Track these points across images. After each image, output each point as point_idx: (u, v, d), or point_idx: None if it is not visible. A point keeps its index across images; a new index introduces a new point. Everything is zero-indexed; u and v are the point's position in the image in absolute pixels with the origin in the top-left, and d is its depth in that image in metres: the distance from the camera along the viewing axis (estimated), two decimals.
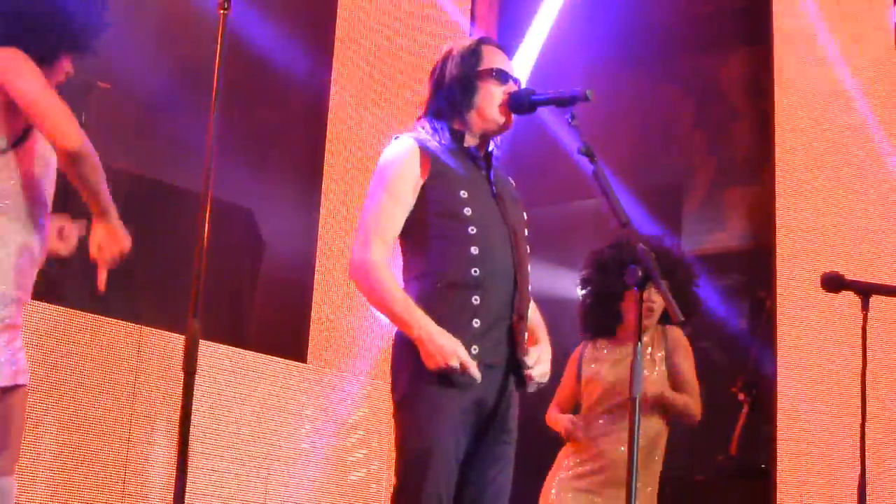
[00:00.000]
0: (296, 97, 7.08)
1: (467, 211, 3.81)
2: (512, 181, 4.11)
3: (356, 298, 7.06)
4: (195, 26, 6.15)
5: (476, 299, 3.76)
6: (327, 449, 6.85)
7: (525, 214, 4.03)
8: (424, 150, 3.87)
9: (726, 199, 8.66)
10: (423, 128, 3.99)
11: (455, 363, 3.64)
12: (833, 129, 6.80)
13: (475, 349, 3.74)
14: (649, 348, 5.50)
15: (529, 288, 3.94)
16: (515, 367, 3.86)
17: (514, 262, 3.86)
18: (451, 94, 3.97)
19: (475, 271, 3.77)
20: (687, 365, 5.48)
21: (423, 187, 3.83)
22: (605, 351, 5.54)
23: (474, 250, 3.79)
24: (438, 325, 3.71)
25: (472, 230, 3.80)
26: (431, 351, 3.66)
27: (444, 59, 4.03)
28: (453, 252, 3.79)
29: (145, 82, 6.23)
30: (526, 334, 3.92)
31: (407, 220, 3.84)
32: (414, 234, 3.83)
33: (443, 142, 3.92)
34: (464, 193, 3.83)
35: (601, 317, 5.57)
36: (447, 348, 3.66)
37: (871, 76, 6.77)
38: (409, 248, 3.88)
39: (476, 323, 3.76)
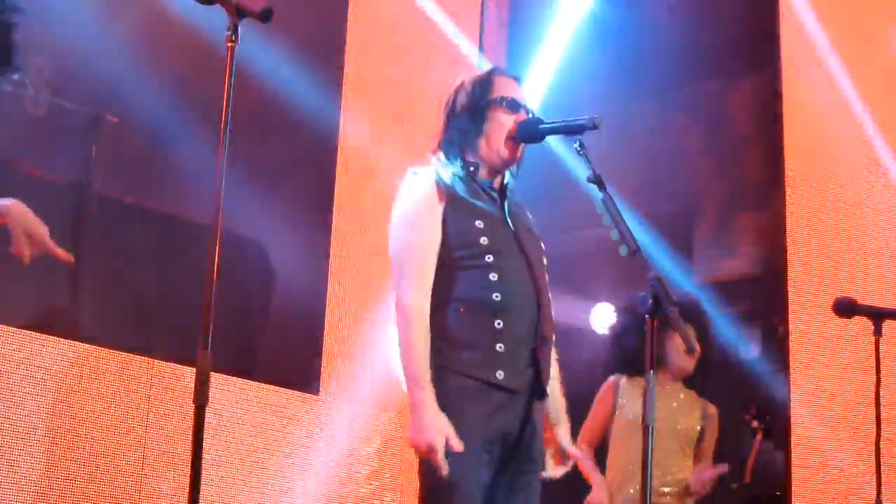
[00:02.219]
0: (305, 129, 7.08)
1: (484, 240, 3.82)
2: (530, 215, 4.12)
3: (368, 330, 7.05)
4: (205, 59, 6.16)
5: (499, 323, 3.77)
6: (339, 481, 6.83)
7: (543, 245, 4.04)
8: (440, 182, 3.88)
9: (737, 226, 8.66)
10: (438, 160, 3.99)
11: (439, 444, 3.61)
12: (843, 152, 6.79)
13: (500, 374, 3.75)
14: (685, 398, 5.62)
15: (552, 315, 3.94)
16: (540, 391, 3.85)
17: (535, 289, 3.86)
18: (462, 123, 3.98)
19: (496, 296, 3.78)
20: (712, 443, 5.80)
21: (442, 219, 3.84)
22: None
23: (493, 276, 3.80)
24: (463, 350, 3.74)
25: (490, 258, 3.81)
26: (421, 424, 3.64)
27: (456, 91, 4.05)
28: (473, 279, 3.80)
29: (155, 115, 6.25)
30: (552, 359, 3.92)
31: None
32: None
33: (456, 174, 3.93)
34: (479, 224, 3.85)
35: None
36: (435, 428, 3.63)
37: (879, 99, 6.77)
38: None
39: (500, 347, 3.77)
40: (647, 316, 3.53)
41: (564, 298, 8.51)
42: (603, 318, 8.77)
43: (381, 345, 6.96)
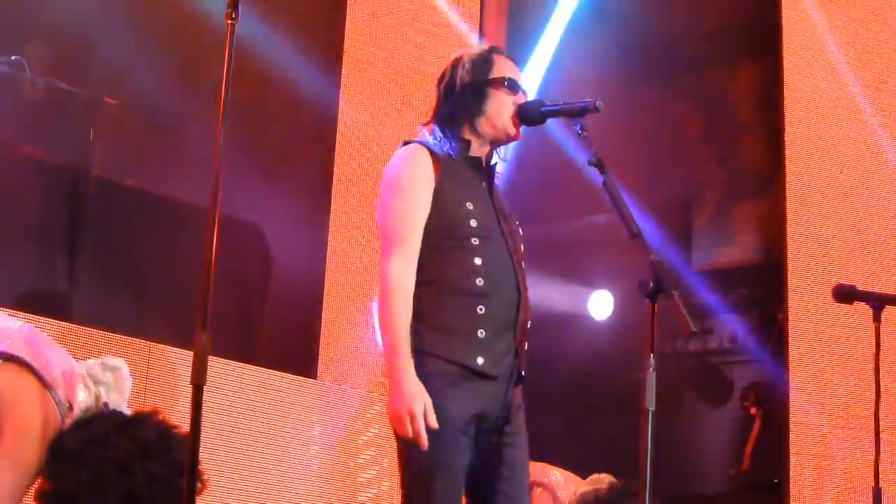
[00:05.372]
0: (304, 112, 7.07)
1: (473, 223, 3.80)
2: (504, 195, 4.10)
3: (367, 314, 7.05)
4: (203, 41, 6.15)
5: (481, 309, 3.76)
6: (337, 467, 6.83)
7: (521, 230, 4.03)
8: (434, 155, 3.86)
9: (736, 213, 8.65)
10: (431, 134, 3.97)
11: (418, 411, 3.60)
12: (843, 141, 6.78)
13: (480, 360, 3.74)
14: None
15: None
16: (519, 377, 3.85)
17: (516, 275, 3.86)
18: (463, 99, 3.95)
19: (479, 281, 3.77)
20: None
21: (433, 193, 3.83)
22: None
23: (477, 261, 3.78)
24: (444, 334, 3.72)
25: (476, 241, 3.80)
26: (399, 391, 3.62)
27: (454, 66, 4.01)
28: (457, 262, 3.78)
29: (153, 98, 6.24)
30: (526, 346, 3.92)
31: None
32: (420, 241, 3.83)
33: (449, 150, 3.90)
34: (469, 205, 3.83)
35: None
36: (414, 395, 3.62)
37: (880, 88, 6.76)
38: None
39: (481, 333, 3.75)
40: (647, 299, 3.52)
41: (562, 285, 8.53)
42: (601, 305, 8.77)
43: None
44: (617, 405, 7.37)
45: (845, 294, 5.19)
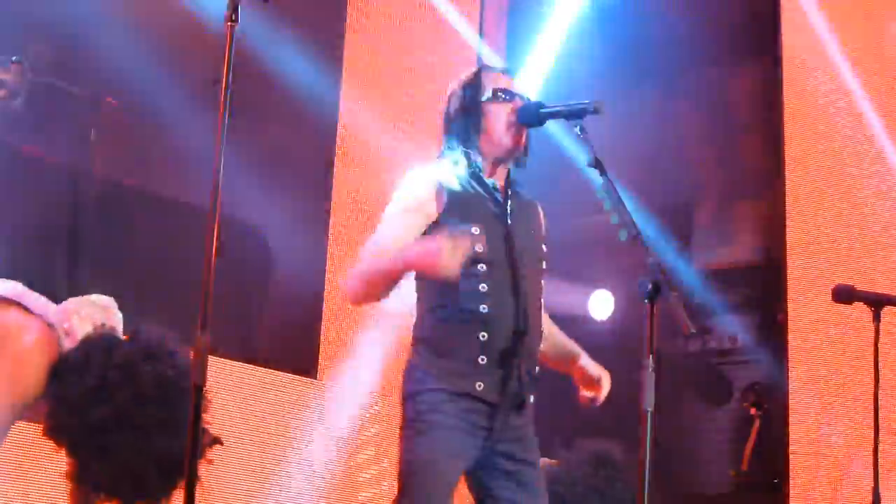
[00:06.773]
0: (304, 112, 7.07)
1: (478, 248, 3.81)
2: (539, 210, 4.12)
3: (366, 314, 7.05)
4: (204, 42, 6.15)
5: (483, 336, 3.79)
6: (337, 467, 6.83)
7: (545, 247, 4.03)
8: (441, 183, 3.88)
9: (736, 214, 8.65)
10: (444, 160, 3.99)
11: (447, 243, 3.57)
12: (843, 141, 6.79)
13: (480, 385, 3.79)
14: None
15: (541, 327, 3.95)
16: (519, 403, 3.87)
17: (523, 301, 3.86)
18: (459, 126, 3.99)
19: (483, 308, 3.80)
20: None
21: (437, 221, 3.84)
22: None
23: (483, 287, 3.81)
24: (444, 358, 3.80)
25: (482, 268, 3.81)
26: (425, 250, 3.63)
27: (450, 98, 4.08)
28: (462, 288, 3.80)
29: (153, 98, 6.23)
30: (536, 371, 3.95)
31: None
32: None
33: (461, 174, 3.92)
34: (476, 230, 3.82)
35: None
36: (436, 245, 3.59)
37: (880, 88, 6.76)
38: (421, 280, 3.92)
39: (482, 360, 3.80)
40: (646, 301, 3.52)
41: (562, 285, 8.53)
42: (602, 305, 8.77)
43: (381, 330, 6.96)
44: (617, 405, 7.37)
45: (845, 294, 5.20)
